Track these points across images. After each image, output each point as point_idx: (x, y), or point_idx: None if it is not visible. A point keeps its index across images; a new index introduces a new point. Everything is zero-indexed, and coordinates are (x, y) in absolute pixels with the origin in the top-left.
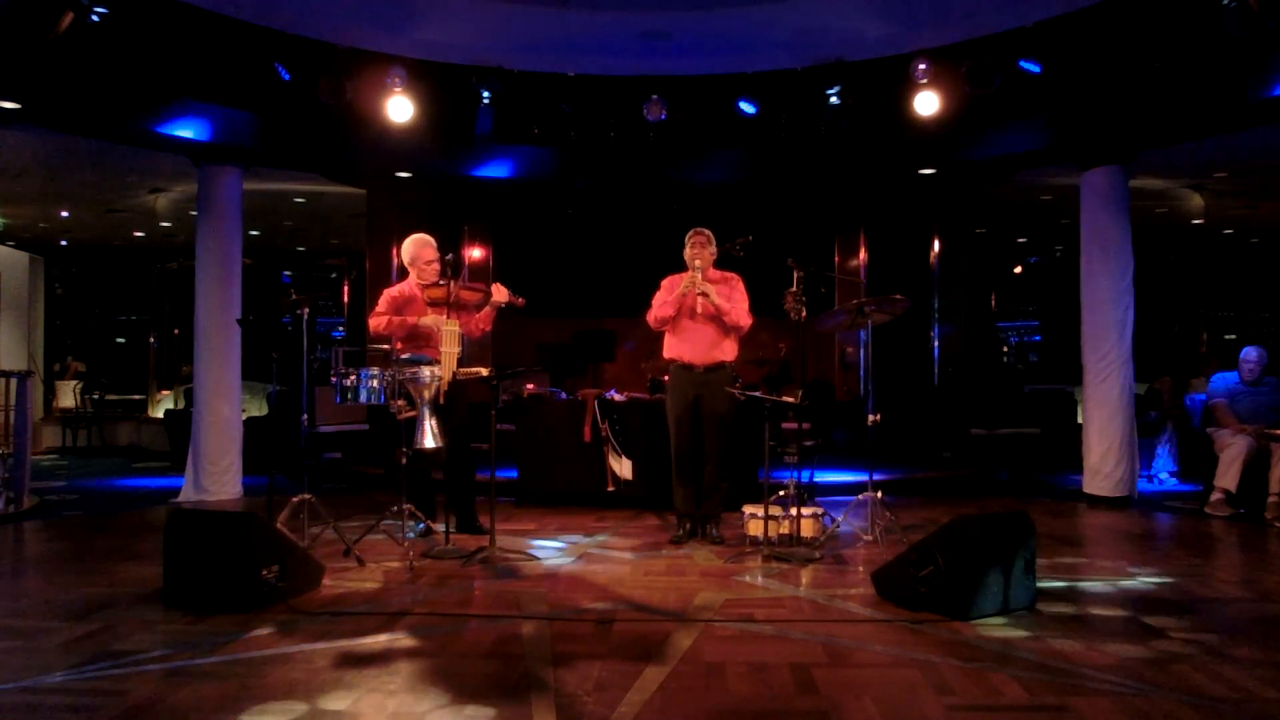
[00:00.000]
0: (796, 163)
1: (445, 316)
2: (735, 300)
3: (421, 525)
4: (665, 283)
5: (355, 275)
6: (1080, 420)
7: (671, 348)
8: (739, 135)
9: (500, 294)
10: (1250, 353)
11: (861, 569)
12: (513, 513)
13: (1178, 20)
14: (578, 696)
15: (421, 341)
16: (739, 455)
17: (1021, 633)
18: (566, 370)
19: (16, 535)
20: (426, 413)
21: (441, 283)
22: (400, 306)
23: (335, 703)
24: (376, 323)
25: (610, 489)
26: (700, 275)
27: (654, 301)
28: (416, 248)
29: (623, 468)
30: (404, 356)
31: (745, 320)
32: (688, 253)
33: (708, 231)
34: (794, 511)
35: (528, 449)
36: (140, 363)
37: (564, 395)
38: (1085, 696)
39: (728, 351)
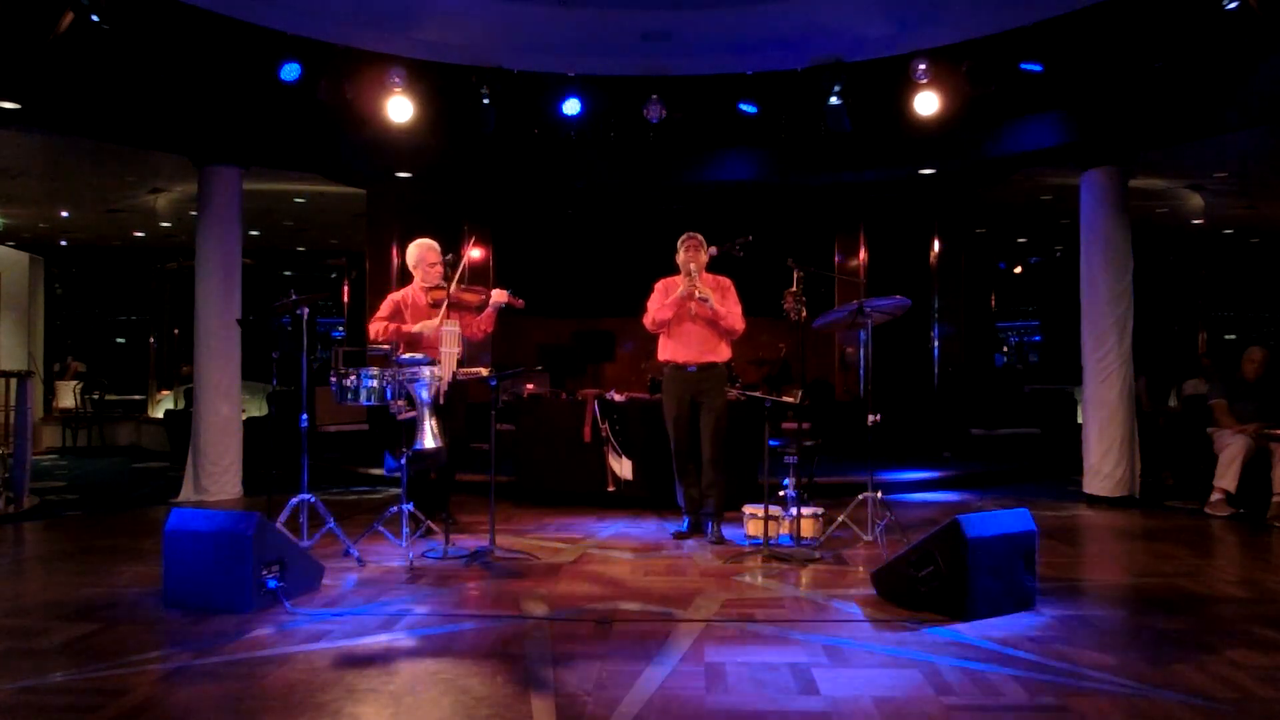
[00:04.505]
0: (796, 163)
1: (444, 316)
2: (729, 305)
3: (422, 526)
4: (659, 286)
5: (355, 275)
6: (1080, 420)
7: (667, 350)
8: (739, 135)
9: (500, 296)
10: (1254, 352)
11: (861, 569)
12: (513, 513)
13: (1178, 20)
14: (578, 696)
15: (421, 346)
16: (739, 455)
17: (1021, 633)
18: (566, 370)
19: (16, 535)
20: (426, 413)
21: (443, 285)
22: (402, 311)
23: (335, 704)
24: (375, 329)
25: (610, 489)
26: (697, 279)
27: (649, 305)
28: (421, 252)
29: (623, 468)
30: (404, 357)
31: (739, 324)
32: (681, 257)
33: (700, 236)
34: (794, 511)
35: (528, 449)
36: (140, 363)
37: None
38: (1085, 696)
39: (722, 353)
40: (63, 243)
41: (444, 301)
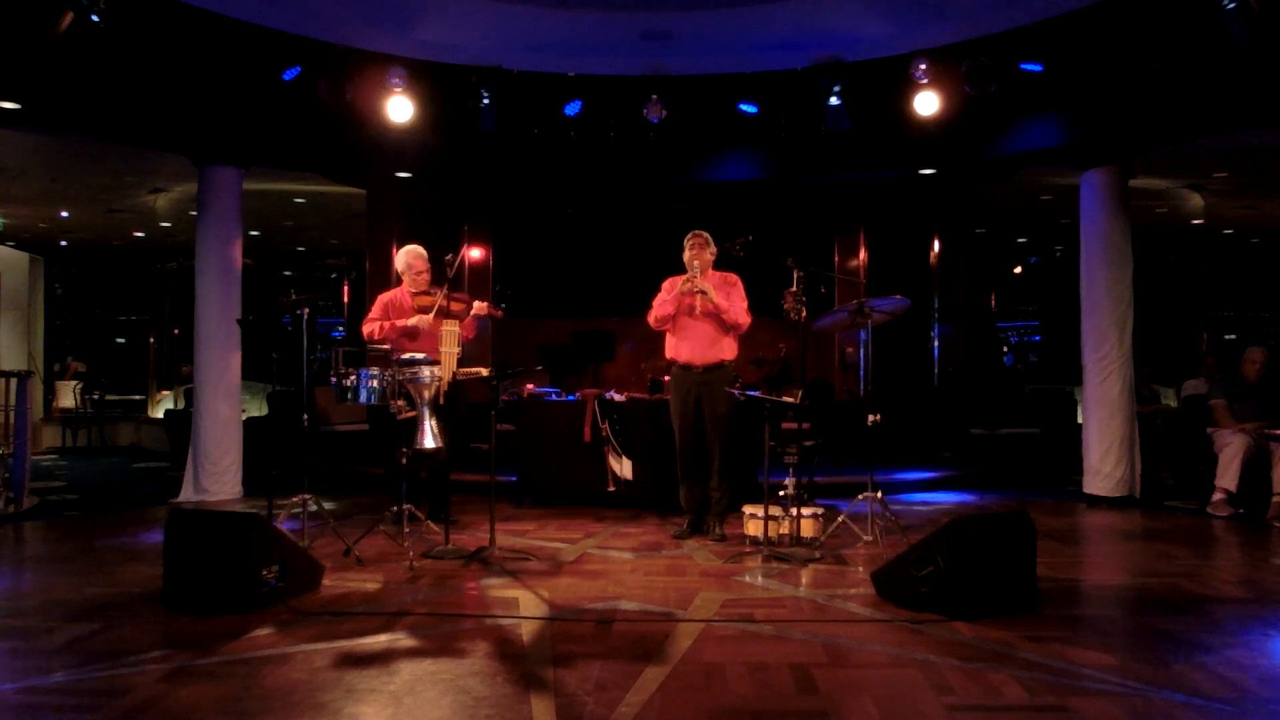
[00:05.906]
0: (796, 163)
1: (431, 318)
2: (734, 299)
3: (421, 526)
4: (666, 284)
5: (355, 275)
6: (1080, 420)
7: (672, 348)
8: (739, 135)
9: (480, 307)
10: (1255, 352)
11: (861, 569)
12: (512, 513)
13: (1178, 20)
14: (578, 696)
15: (413, 339)
16: (739, 455)
17: (1021, 633)
18: (566, 370)
19: (16, 535)
20: (426, 413)
21: (430, 291)
22: (392, 312)
23: (335, 704)
24: (369, 329)
25: (610, 489)
26: (699, 275)
27: (654, 302)
28: (409, 258)
29: (623, 468)
30: (404, 356)
31: (744, 319)
32: (686, 255)
33: (705, 234)
34: (794, 511)
35: (528, 449)
36: (140, 363)
37: (561, 395)
38: (1085, 696)
39: (728, 350)
40: (63, 243)
41: (429, 308)
